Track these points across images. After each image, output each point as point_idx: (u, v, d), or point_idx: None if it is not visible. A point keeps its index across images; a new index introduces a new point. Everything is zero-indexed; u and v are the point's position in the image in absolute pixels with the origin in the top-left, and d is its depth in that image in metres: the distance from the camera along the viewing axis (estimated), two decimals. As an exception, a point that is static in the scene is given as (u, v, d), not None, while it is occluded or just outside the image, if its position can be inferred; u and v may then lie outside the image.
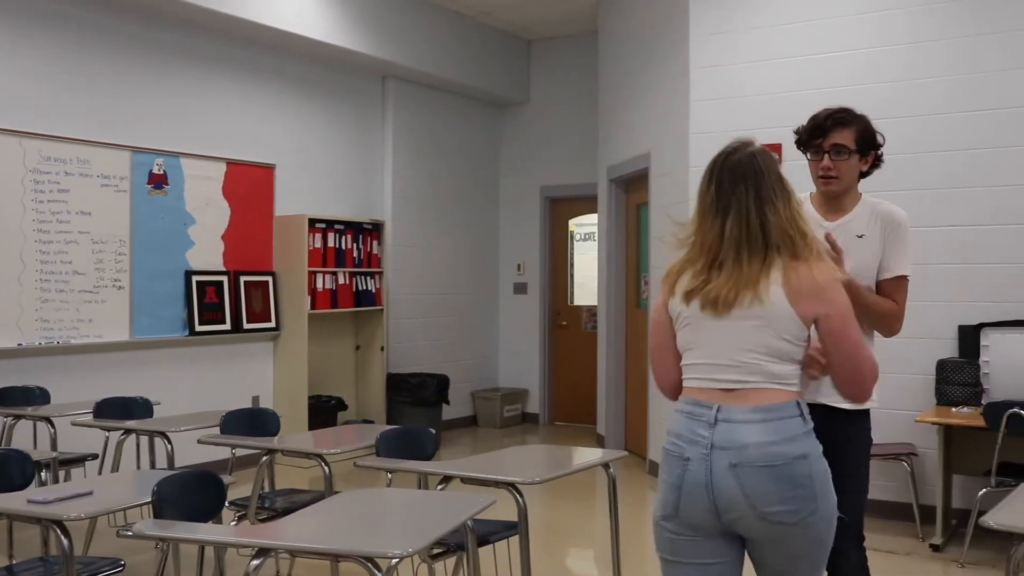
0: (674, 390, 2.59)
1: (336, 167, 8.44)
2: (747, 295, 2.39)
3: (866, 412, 3.13)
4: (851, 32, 6.20)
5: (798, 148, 3.29)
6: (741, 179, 2.51)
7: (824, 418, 2.81)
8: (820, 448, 2.43)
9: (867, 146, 3.17)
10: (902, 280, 3.16)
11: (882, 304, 3.15)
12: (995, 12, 5.78)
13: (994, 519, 2.87)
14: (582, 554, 5.62)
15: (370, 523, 3.06)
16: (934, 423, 5.39)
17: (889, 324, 3.17)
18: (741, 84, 6.53)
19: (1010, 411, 4.94)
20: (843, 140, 3.15)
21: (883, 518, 5.72)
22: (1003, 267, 5.71)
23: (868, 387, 2.53)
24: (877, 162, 3.24)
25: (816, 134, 3.21)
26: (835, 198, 3.22)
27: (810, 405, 2.53)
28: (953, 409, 5.45)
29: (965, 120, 5.85)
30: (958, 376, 5.57)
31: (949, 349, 5.74)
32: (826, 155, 3.16)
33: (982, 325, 5.68)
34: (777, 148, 6.39)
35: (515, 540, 3.70)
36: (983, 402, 5.39)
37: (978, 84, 5.83)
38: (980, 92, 5.82)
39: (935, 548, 5.29)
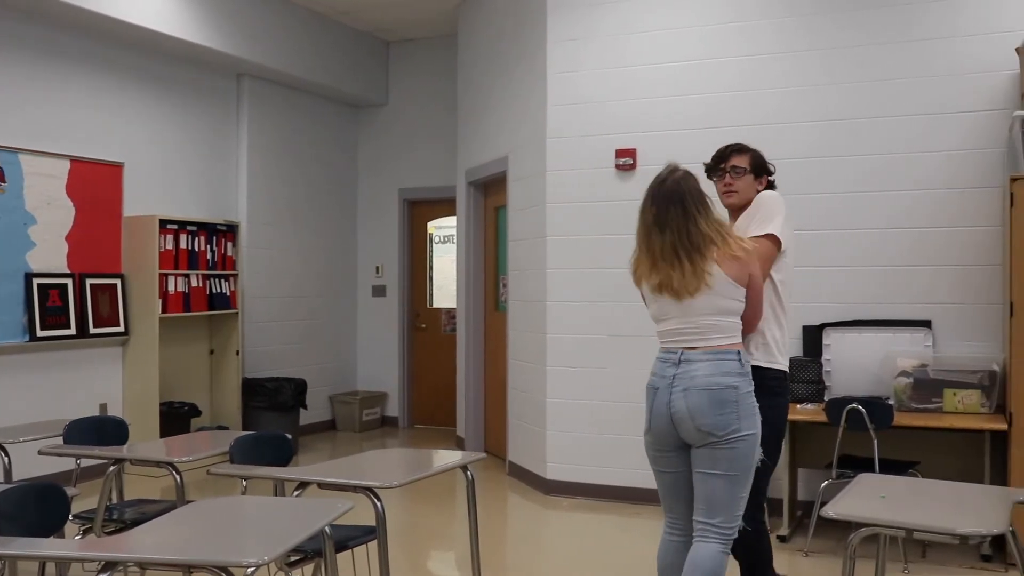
0: None
1: (189, 166, 8.21)
2: (696, 284, 3.34)
3: (762, 390, 3.54)
4: (693, 43, 6.42)
5: (708, 177, 3.97)
6: (672, 202, 3.39)
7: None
8: (752, 388, 3.37)
9: (760, 169, 3.96)
10: (759, 241, 3.66)
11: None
12: (822, 30, 6.09)
13: (834, 510, 3.02)
14: (442, 557, 5.62)
15: (224, 532, 2.98)
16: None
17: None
18: (596, 89, 6.66)
19: (849, 406, 5.18)
20: (740, 163, 3.93)
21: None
22: (843, 269, 6.00)
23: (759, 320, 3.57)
24: (771, 186, 4.00)
25: (719, 160, 3.99)
26: (739, 213, 3.91)
27: None
28: (798, 406, 5.68)
29: (796, 129, 6.13)
30: (802, 374, 5.81)
31: (794, 348, 5.98)
32: (727, 174, 3.92)
33: (824, 325, 5.94)
34: (632, 153, 6.58)
35: (374, 545, 3.68)
36: (825, 398, 5.64)
37: (808, 96, 6.13)
38: (810, 103, 6.12)
39: (782, 539, 5.50)
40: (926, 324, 5.78)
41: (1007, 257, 5.17)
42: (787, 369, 3.79)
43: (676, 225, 3.37)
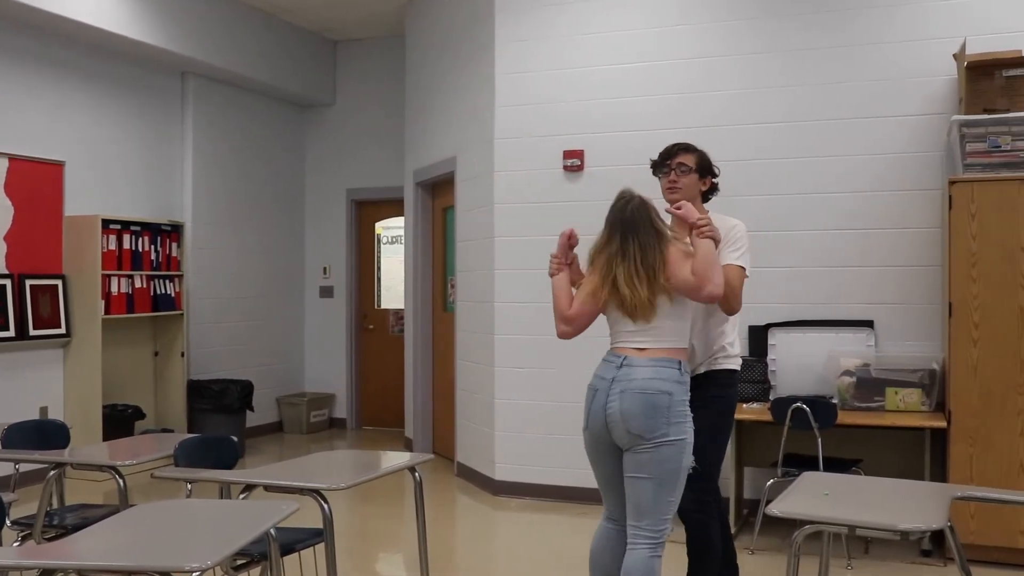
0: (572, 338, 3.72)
1: (132, 166, 8.09)
2: (651, 311, 3.47)
3: (717, 382, 3.98)
4: (641, 44, 6.46)
5: (653, 174, 4.10)
6: (629, 231, 3.53)
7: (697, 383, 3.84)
8: (687, 396, 3.46)
9: (705, 170, 4.07)
10: (731, 269, 3.86)
11: (731, 283, 3.88)
12: (770, 33, 6.16)
13: (778, 508, 3.05)
14: (390, 558, 5.60)
15: (167, 536, 2.94)
16: (727, 419, 5.65)
17: (727, 301, 3.87)
18: (544, 90, 6.68)
19: (794, 405, 5.24)
20: (686, 161, 4.02)
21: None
22: (788, 270, 6.07)
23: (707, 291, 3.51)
24: (714, 188, 4.13)
25: (666, 157, 4.06)
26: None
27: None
28: (744, 405, 5.74)
29: (746, 131, 6.20)
30: (749, 374, 5.86)
31: (740, 348, 6.02)
32: (672, 171, 4.01)
33: (770, 325, 6.01)
34: (580, 154, 6.60)
35: (322, 547, 3.65)
36: (771, 398, 5.71)
37: (754, 98, 6.20)
38: (756, 106, 6.19)
39: (728, 538, 5.55)
40: (869, 324, 5.87)
41: (946, 258, 5.27)
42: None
43: (632, 253, 3.50)
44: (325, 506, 3.51)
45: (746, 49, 6.23)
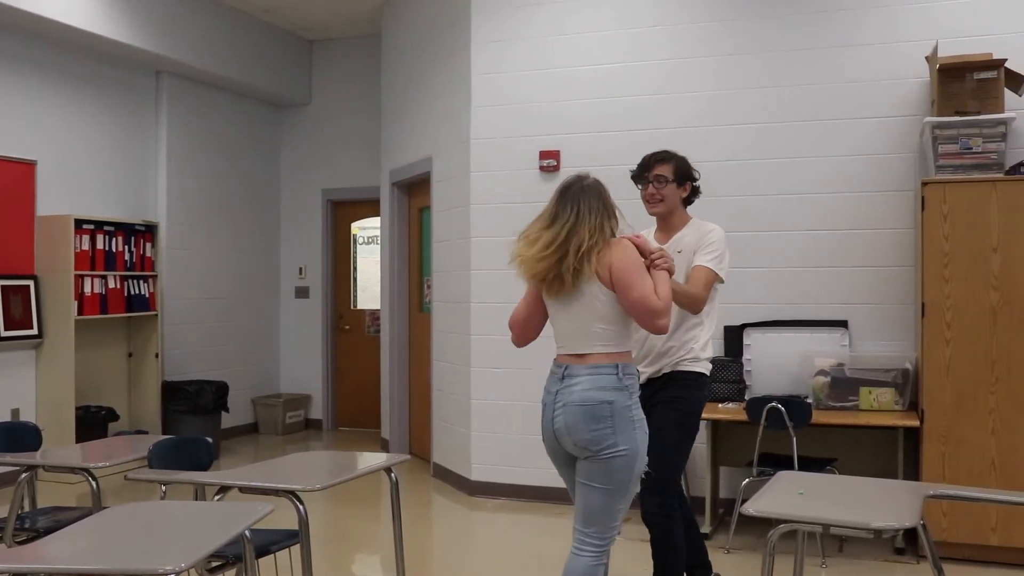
0: (526, 344, 3.66)
1: (106, 165, 8.03)
2: (572, 282, 3.32)
3: (682, 383, 4.02)
4: (618, 45, 6.48)
5: (634, 183, 4.14)
6: (574, 198, 3.43)
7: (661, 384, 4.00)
8: (631, 401, 3.33)
9: (684, 177, 4.10)
10: (700, 269, 3.96)
11: (686, 289, 3.93)
12: (745, 35, 6.19)
13: (753, 507, 3.07)
14: (366, 560, 5.58)
15: (141, 538, 2.92)
16: (703, 419, 5.67)
17: (688, 303, 3.95)
18: (520, 91, 6.68)
19: (769, 405, 5.27)
20: (663, 172, 4.06)
21: (633, 506, 5.97)
22: (763, 271, 6.10)
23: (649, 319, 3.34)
24: (695, 192, 4.16)
25: (643, 169, 4.10)
26: (665, 220, 4.15)
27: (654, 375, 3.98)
28: (720, 405, 5.76)
29: (718, 132, 6.22)
30: (724, 374, 5.89)
31: (715, 348, 6.04)
32: (650, 184, 4.06)
33: (745, 325, 6.04)
34: (556, 154, 6.61)
35: (297, 549, 3.64)
36: (746, 397, 5.73)
37: (729, 100, 6.23)
38: (731, 107, 6.22)
39: (704, 536, 5.55)
40: (843, 324, 5.91)
41: (919, 259, 5.32)
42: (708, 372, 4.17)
43: (567, 221, 3.38)
44: (300, 507, 3.49)
45: (722, 50, 6.26)
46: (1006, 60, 5.30)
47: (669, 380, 4.01)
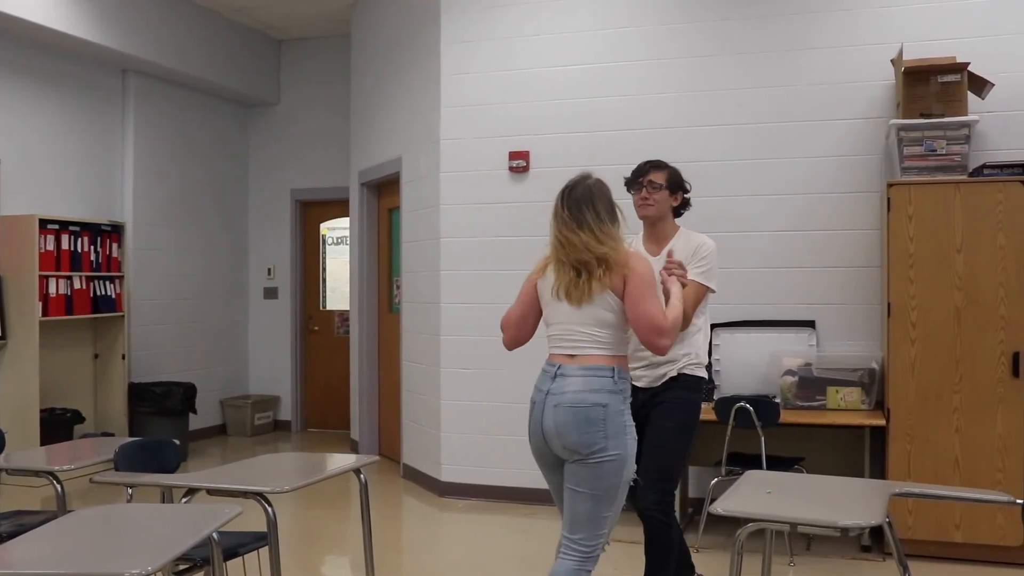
0: (518, 346, 3.63)
1: (71, 165, 7.94)
2: (588, 291, 3.30)
3: (686, 385, 4.05)
4: (587, 46, 6.49)
5: (627, 189, 4.20)
6: (580, 203, 3.37)
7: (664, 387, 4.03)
8: (624, 406, 3.30)
9: (676, 186, 4.20)
10: (698, 287, 4.00)
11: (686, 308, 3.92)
12: (720, 36, 6.22)
13: (722, 506, 3.09)
14: (336, 561, 5.56)
15: (107, 541, 2.89)
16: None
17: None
18: (490, 92, 6.68)
19: (738, 405, 5.30)
20: (656, 178, 4.16)
21: (625, 509, 5.98)
22: (732, 271, 6.10)
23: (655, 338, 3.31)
24: (686, 203, 4.26)
25: (638, 175, 4.19)
26: (654, 227, 4.21)
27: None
28: (688, 405, 5.77)
29: (691, 133, 6.25)
30: (692, 373, 5.91)
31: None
32: (644, 188, 4.14)
33: (714, 326, 6.06)
34: (525, 155, 6.62)
35: (266, 551, 3.62)
36: (715, 397, 5.76)
37: (704, 101, 6.25)
38: (706, 108, 6.25)
39: (672, 536, 5.60)
40: (810, 324, 5.96)
41: (885, 259, 5.37)
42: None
43: (590, 227, 3.34)
44: (269, 509, 3.48)
45: (692, 52, 6.29)
46: (969, 64, 5.36)
47: (675, 382, 4.05)
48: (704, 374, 4.15)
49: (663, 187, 4.14)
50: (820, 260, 6.01)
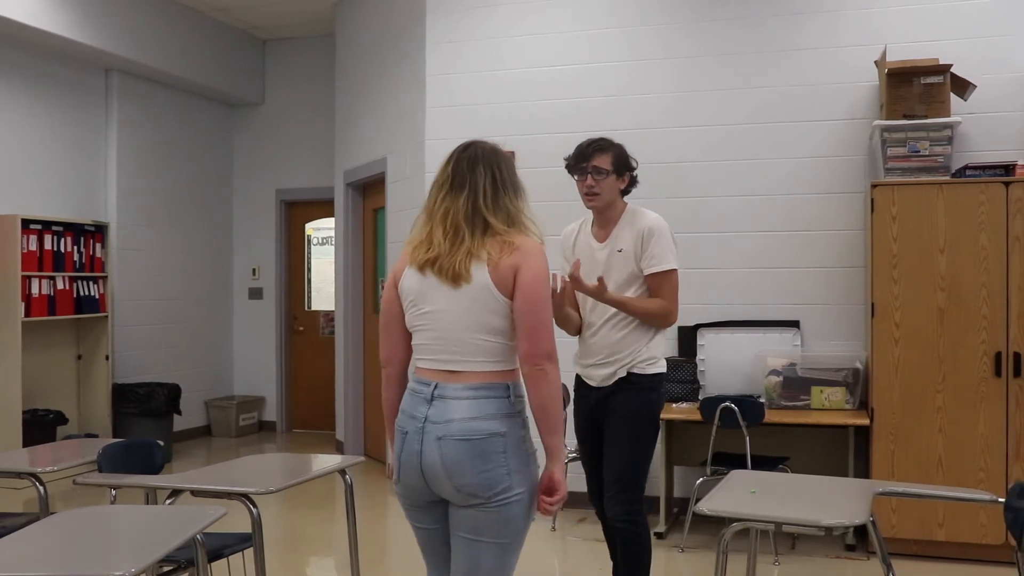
0: (403, 372, 2.83)
1: (54, 165, 7.90)
2: (466, 266, 2.59)
3: (639, 386, 3.76)
4: (572, 47, 6.50)
5: (569, 173, 3.88)
6: (479, 165, 2.77)
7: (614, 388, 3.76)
8: (525, 431, 2.64)
9: (622, 168, 3.82)
10: (660, 275, 3.76)
11: (648, 305, 3.78)
12: (705, 37, 6.24)
13: (707, 506, 3.09)
14: (321, 562, 5.54)
15: (90, 543, 2.87)
16: (656, 419, 5.71)
17: (660, 320, 3.82)
18: (475, 92, 6.68)
19: (722, 405, 5.31)
20: (602, 163, 3.78)
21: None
22: (717, 271, 6.15)
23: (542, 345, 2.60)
24: (633, 181, 3.88)
25: (580, 159, 3.82)
26: (602, 213, 3.86)
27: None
28: (674, 405, 5.80)
29: (676, 134, 6.27)
30: (678, 374, 5.93)
31: (670, 349, 6.10)
32: (589, 176, 3.78)
33: (699, 326, 6.08)
34: (510, 156, 6.58)
35: (251, 552, 3.61)
36: (700, 397, 5.78)
37: (689, 101, 6.27)
38: (691, 108, 6.26)
39: (659, 535, 5.61)
40: (795, 324, 5.98)
41: (869, 260, 5.40)
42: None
43: (478, 189, 2.69)
44: (254, 510, 3.46)
45: (677, 52, 6.30)
46: (952, 65, 5.39)
47: (626, 383, 3.77)
48: (659, 369, 3.81)
49: (610, 172, 3.76)
50: (804, 260, 6.03)
